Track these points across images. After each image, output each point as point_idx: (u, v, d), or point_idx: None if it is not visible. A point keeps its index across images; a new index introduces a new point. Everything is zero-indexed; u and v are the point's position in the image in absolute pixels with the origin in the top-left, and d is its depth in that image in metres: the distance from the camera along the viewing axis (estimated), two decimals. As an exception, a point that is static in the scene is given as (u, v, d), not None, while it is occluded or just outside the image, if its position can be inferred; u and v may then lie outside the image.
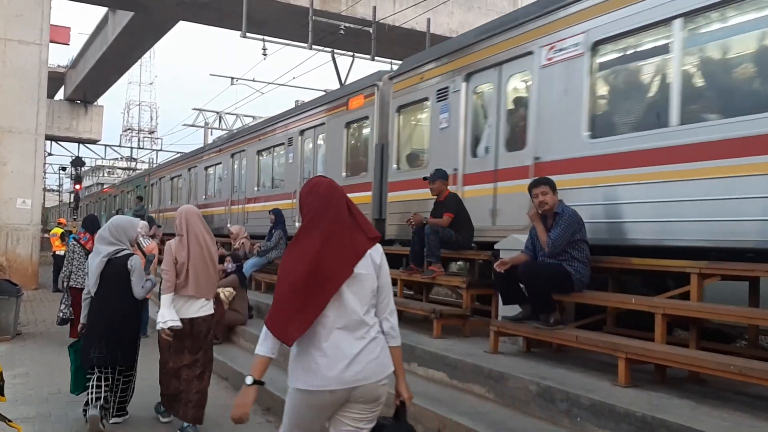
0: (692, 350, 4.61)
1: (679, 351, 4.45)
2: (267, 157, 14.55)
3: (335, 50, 17.47)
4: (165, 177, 24.03)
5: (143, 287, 5.35)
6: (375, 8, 17.11)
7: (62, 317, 7.77)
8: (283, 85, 24.65)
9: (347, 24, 16.99)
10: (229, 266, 9.16)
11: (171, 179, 23.12)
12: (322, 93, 16.83)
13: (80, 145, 38.12)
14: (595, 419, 4.06)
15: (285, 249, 2.76)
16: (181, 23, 21.82)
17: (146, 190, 26.33)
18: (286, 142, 13.10)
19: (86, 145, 38.64)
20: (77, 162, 34.06)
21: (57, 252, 14.98)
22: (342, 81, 16.93)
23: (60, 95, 36.39)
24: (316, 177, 2.86)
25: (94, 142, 38.07)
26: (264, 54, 18.41)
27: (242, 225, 13.33)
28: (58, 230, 16.58)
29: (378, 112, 9.83)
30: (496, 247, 6.27)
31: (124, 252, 5.38)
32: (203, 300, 5.11)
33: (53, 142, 37.32)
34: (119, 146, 47.22)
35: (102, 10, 25.91)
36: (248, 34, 16.49)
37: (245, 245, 11.41)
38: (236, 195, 15.97)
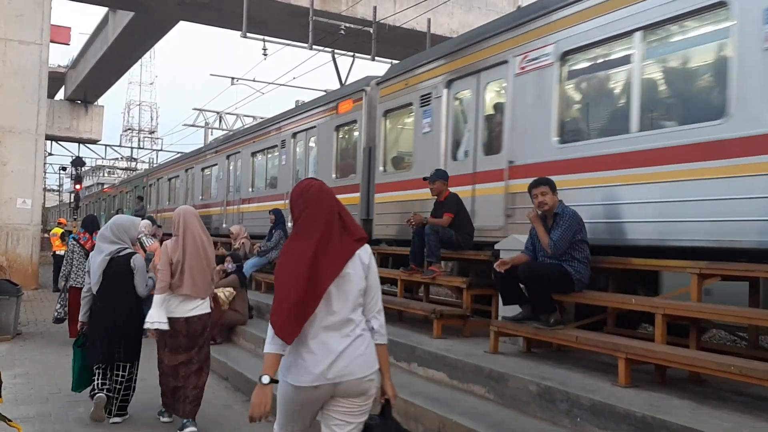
0: (692, 350, 4.60)
1: (680, 351, 4.45)
2: (261, 159, 14.84)
3: (335, 50, 17.47)
4: (163, 178, 24.20)
5: (147, 285, 5.41)
6: (375, 8, 17.11)
7: (57, 316, 7.82)
8: (284, 86, 24.65)
9: (347, 24, 16.99)
10: (230, 266, 9.16)
11: (169, 180, 23.30)
12: (323, 93, 16.81)
13: (80, 145, 38.12)
14: (596, 419, 4.06)
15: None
16: (182, 23, 21.84)
17: (145, 191, 26.45)
18: (279, 145, 13.39)
19: (86, 145, 38.65)
20: (77, 162, 34.01)
21: (57, 252, 14.98)
22: (342, 81, 16.94)
23: (60, 95, 36.41)
24: (307, 179, 2.93)
25: (95, 142, 38.09)
26: (264, 54, 18.42)
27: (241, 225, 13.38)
28: (59, 230, 16.59)
29: (366, 116, 10.10)
30: (497, 247, 6.28)
31: (127, 251, 5.43)
32: (199, 299, 5.15)
33: (53, 142, 37.32)
34: (119, 146, 47.25)
35: (102, 11, 25.93)
36: (248, 35, 16.48)
37: (245, 245, 11.40)
38: (232, 196, 16.23)
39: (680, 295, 5.04)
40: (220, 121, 32.47)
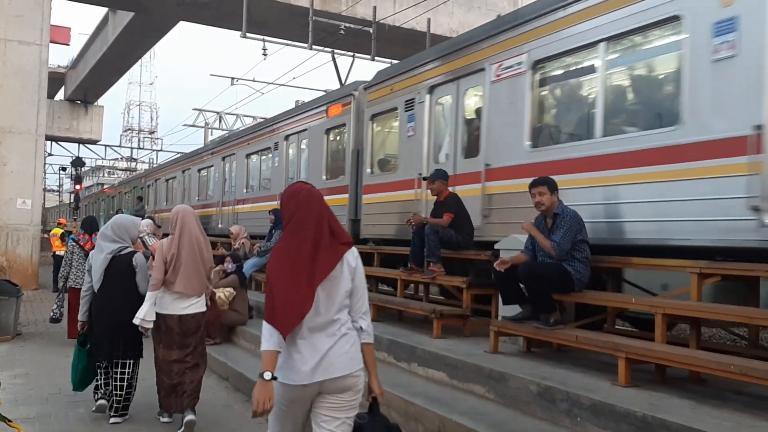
0: (693, 350, 4.60)
1: (680, 351, 4.45)
2: (255, 161, 15.17)
3: (335, 50, 17.45)
4: (160, 179, 24.46)
5: (149, 283, 5.43)
6: (375, 8, 17.11)
7: (53, 317, 7.84)
8: (284, 86, 24.65)
9: (347, 24, 16.98)
10: (229, 266, 9.16)
11: (166, 181, 23.55)
12: (323, 93, 16.80)
13: (80, 146, 38.12)
14: (596, 419, 4.06)
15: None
16: (181, 23, 21.83)
17: (143, 192, 26.62)
18: (273, 147, 13.71)
19: (86, 146, 38.65)
20: (77, 162, 33.99)
21: (57, 252, 14.98)
22: (342, 81, 16.92)
23: (60, 95, 36.40)
24: (297, 183, 3.03)
25: (95, 143, 38.09)
26: (264, 54, 18.41)
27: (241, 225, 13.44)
28: (58, 230, 16.59)
29: (354, 120, 10.39)
30: (496, 247, 6.28)
31: (128, 250, 5.49)
32: (194, 297, 5.19)
33: (53, 143, 37.31)
34: (119, 146, 47.23)
35: (102, 11, 25.93)
36: (248, 35, 16.47)
37: (245, 245, 11.41)
38: (227, 196, 16.51)
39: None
40: (220, 122, 32.47)
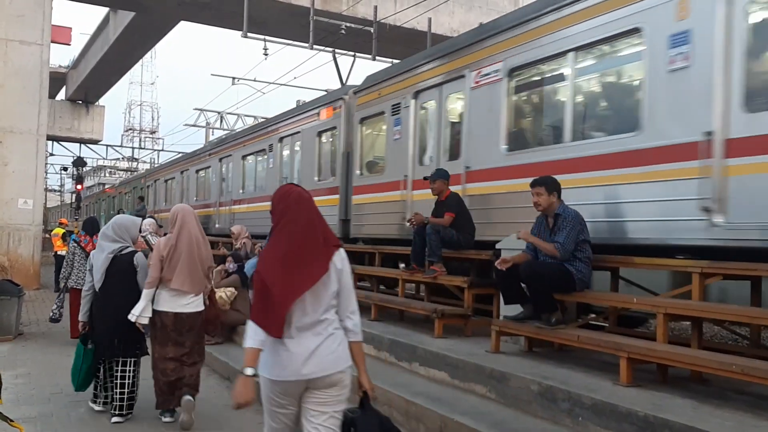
0: (694, 350, 4.60)
1: (681, 350, 4.45)
2: (251, 162, 15.49)
3: (336, 50, 17.44)
4: (160, 179, 24.74)
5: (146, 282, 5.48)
6: (376, 8, 17.10)
7: (52, 317, 7.86)
8: (285, 85, 24.63)
9: (348, 24, 16.97)
10: (231, 266, 9.16)
11: (165, 181, 23.83)
12: (324, 93, 16.79)
13: (82, 146, 38.13)
14: (597, 419, 4.06)
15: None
16: (182, 23, 21.83)
17: (143, 192, 26.81)
18: (267, 148, 14.07)
19: (88, 146, 38.67)
20: (79, 162, 34.04)
21: (58, 252, 14.97)
22: (343, 81, 16.91)
23: (61, 95, 36.43)
24: (287, 185, 3.11)
25: (96, 143, 38.12)
26: (265, 54, 18.41)
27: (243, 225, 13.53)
28: (60, 230, 16.57)
29: (344, 123, 10.73)
30: (498, 246, 6.28)
31: (129, 249, 5.52)
32: (191, 296, 5.24)
33: (55, 143, 37.32)
34: (121, 146, 47.28)
35: (103, 11, 25.93)
36: (249, 35, 16.47)
37: (247, 245, 11.39)
38: (224, 197, 16.83)
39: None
40: (221, 121, 32.47)
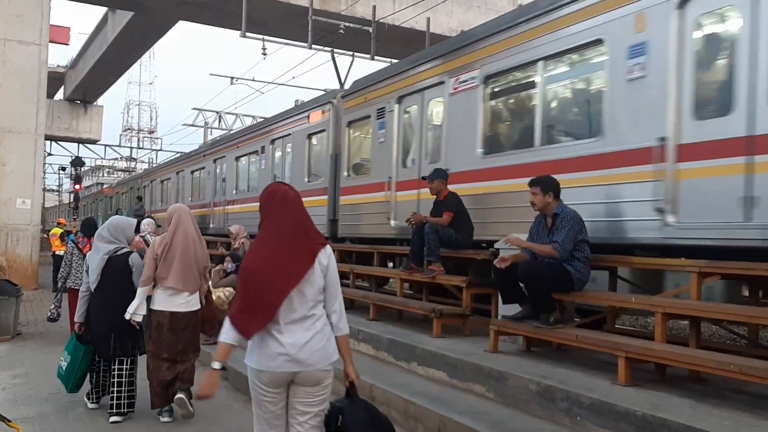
0: (692, 349, 4.60)
1: (680, 350, 4.46)
2: (244, 163, 15.90)
3: (335, 50, 17.40)
4: (156, 180, 25.09)
5: (140, 281, 5.55)
6: (375, 7, 17.08)
7: (50, 316, 7.87)
8: (283, 85, 24.62)
9: (347, 23, 16.96)
10: (229, 266, 9.15)
11: (161, 182, 24.14)
12: (322, 92, 16.78)
13: (80, 145, 38.09)
14: (596, 418, 4.06)
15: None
16: (181, 23, 21.81)
17: (140, 192, 27.06)
18: (260, 150, 14.48)
19: (86, 145, 38.61)
20: (77, 162, 33.98)
21: (57, 252, 14.96)
22: (342, 80, 16.90)
23: (60, 95, 36.34)
24: (274, 184, 3.18)
25: (94, 142, 38.02)
26: (264, 54, 18.41)
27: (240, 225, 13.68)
28: (58, 230, 16.57)
29: (333, 126, 11.10)
30: (496, 246, 6.28)
31: (124, 250, 5.57)
32: (186, 294, 5.28)
33: (53, 142, 37.23)
34: (119, 146, 47.17)
35: (101, 10, 25.87)
36: (248, 34, 16.46)
37: (245, 245, 11.38)
38: (218, 197, 17.21)
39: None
40: (220, 121, 32.45)
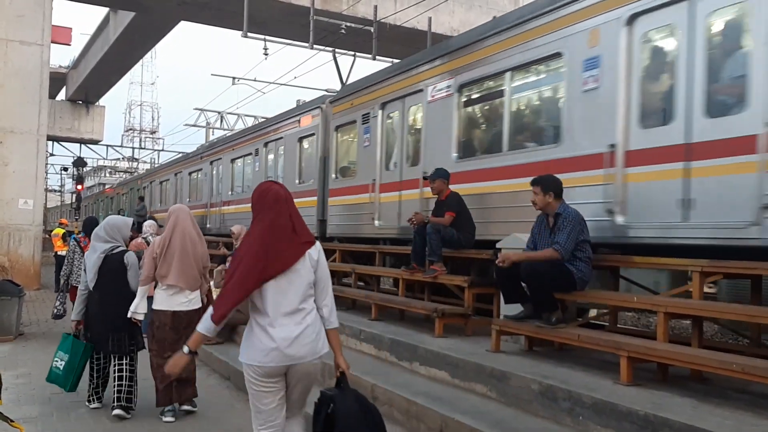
0: (694, 348, 4.60)
1: (682, 349, 4.45)
2: (239, 165, 16.39)
3: (336, 50, 17.42)
4: (155, 181, 25.49)
5: (140, 280, 5.64)
6: (376, 7, 17.09)
7: (56, 313, 7.91)
8: (285, 85, 24.60)
9: (348, 23, 16.96)
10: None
11: (160, 183, 24.51)
12: (324, 92, 16.78)
13: (82, 146, 38.14)
14: (598, 418, 4.06)
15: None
16: (182, 23, 21.82)
17: (140, 193, 27.32)
18: (254, 153, 14.95)
19: (88, 146, 38.66)
20: (79, 162, 34.03)
21: (59, 252, 14.97)
22: (343, 80, 16.91)
23: (62, 96, 36.42)
24: (266, 183, 3.31)
25: (96, 143, 38.10)
26: (265, 54, 18.40)
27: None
28: (60, 230, 16.58)
29: (322, 130, 11.56)
30: (498, 245, 6.28)
31: (120, 249, 5.65)
32: (187, 292, 5.37)
33: (55, 143, 37.30)
34: (121, 146, 47.27)
35: (103, 11, 25.92)
36: (249, 34, 16.45)
37: (246, 245, 11.45)
38: (214, 198, 17.71)
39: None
40: (222, 121, 32.47)
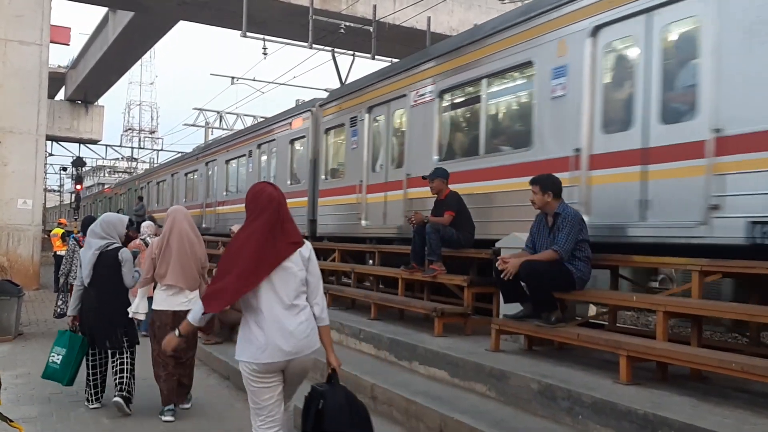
0: (694, 348, 4.61)
1: (681, 348, 4.46)
2: (234, 166, 16.74)
3: (335, 49, 17.42)
4: (152, 181, 25.84)
5: (134, 277, 5.72)
6: (375, 7, 17.08)
7: (59, 312, 7.92)
8: (284, 85, 24.61)
9: (347, 23, 16.96)
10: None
11: (157, 184, 24.82)
12: (323, 92, 16.80)
13: (81, 146, 38.13)
14: (597, 417, 4.06)
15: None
16: (182, 23, 21.81)
17: (137, 193, 27.53)
18: (247, 154, 15.29)
19: (87, 146, 38.66)
20: (78, 162, 34.01)
21: (58, 252, 14.96)
22: (343, 80, 16.90)
23: (61, 95, 36.39)
24: (260, 184, 3.40)
25: (95, 143, 38.10)
26: (264, 53, 18.42)
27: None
28: (59, 230, 16.56)
29: (312, 133, 11.94)
30: (498, 245, 6.29)
31: (115, 245, 5.68)
32: (187, 292, 5.44)
33: (54, 143, 37.31)
34: (120, 146, 47.25)
35: (102, 11, 25.92)
36: (248, 34, 16.47)
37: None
38: (210, 198, 18.03)
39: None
40: (221, 121, 32.45)
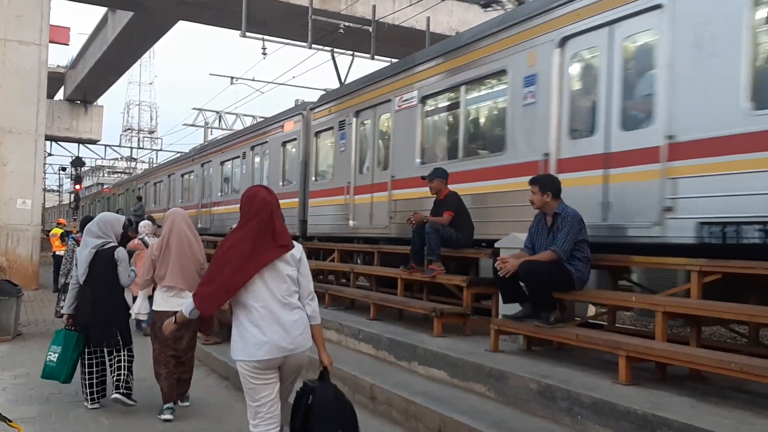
0: (693, 348, 4.61)
1: (680, 349, 4.46)
2: (228, 168, 17.06)
3: (335, 49, 17.41)
4: (150, 182, 26.05)
5: (129, 276, 5.75)
6: (374, 7, 17.07)
7: (60, 312, 7.92)
8: (283, 85, 24.61)
9: (347, 23, 16.96)
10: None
11: (154, 184, 25.03)
12: (323, 92, 16.80)
13: (80, 145, 38.12)
14: (596, 417, 4.06)
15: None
16: (181, 23, 21.81)
17: (135, 193, 27.59)
18: (241, 156, 15.58)
19: (86, 146, 38.64)
20: (77, 162, 34.00)
21: (57, 252, 14.96)
22: (342, 80, 16.89)
23: (60, 95, 36.33)
24: (254, 187, 3.51)
25: (94, 143, 38.07)
26: (264, 53, 18.43)
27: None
28: (58, 230, 16.56)
29: (303, 135, 12.29)
30: (497, 245, 6.29)
31: (110, 244, 5.72)
32: (187, 293, 5.37)
33: (53, 143, 37.30)
34: (119, 146, 47.24)
35: (101, 11, 25.88)
36: (248, 34, 16.47)
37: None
38: (205, 199, 18.33)
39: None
40: (220, 121, 32.44)
